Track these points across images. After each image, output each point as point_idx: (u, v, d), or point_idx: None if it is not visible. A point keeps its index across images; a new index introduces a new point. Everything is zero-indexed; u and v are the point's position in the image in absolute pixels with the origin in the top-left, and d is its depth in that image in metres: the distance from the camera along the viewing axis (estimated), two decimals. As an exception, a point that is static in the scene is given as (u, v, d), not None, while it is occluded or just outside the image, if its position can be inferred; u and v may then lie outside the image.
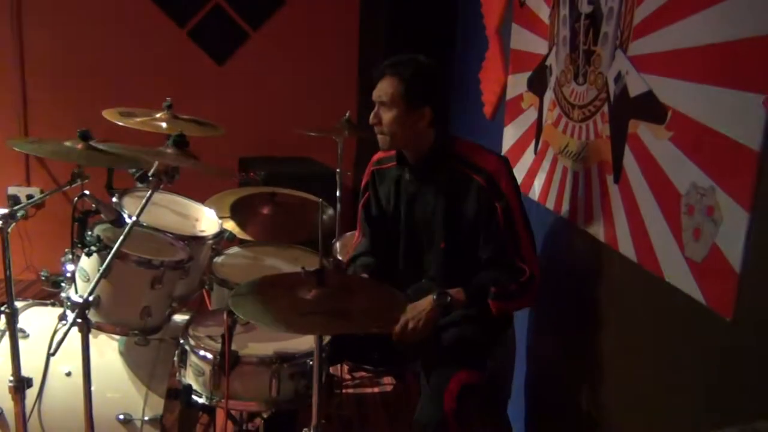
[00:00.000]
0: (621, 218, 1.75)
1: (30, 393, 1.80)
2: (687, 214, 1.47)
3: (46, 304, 2.18)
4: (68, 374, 1.95)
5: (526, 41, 2.52)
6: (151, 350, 2.04)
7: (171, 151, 1.66)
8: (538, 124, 2.39)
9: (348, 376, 3.14)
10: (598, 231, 1.89)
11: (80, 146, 1.97)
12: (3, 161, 3.95)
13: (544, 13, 2.33)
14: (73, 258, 2.05)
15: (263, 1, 4.09)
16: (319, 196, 2.51)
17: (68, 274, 2.04)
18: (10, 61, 3.88)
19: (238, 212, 2.50)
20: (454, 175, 1.99)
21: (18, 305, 2.07)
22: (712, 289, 1.40)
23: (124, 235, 1.64)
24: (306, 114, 4.02)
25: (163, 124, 2.50)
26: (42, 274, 2.22)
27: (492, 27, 2.91)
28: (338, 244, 2.76)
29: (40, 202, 2.12)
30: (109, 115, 2.50)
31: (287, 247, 2.62)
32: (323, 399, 1.89)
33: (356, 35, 4.17)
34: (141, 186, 2.45)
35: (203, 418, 2.36)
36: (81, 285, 1.92)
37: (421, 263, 2.10)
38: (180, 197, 2.57)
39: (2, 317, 1.78)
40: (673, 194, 1.51)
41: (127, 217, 2.08)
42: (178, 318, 2.20)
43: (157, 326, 2.03)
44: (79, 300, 1.62)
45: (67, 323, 1.61)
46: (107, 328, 1.95)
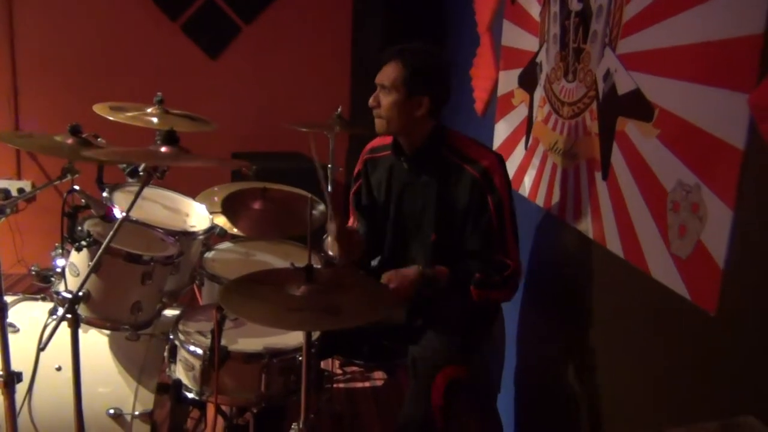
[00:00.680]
0: (609, 215, 1.77)
1: (20, 388, 1.79)
2: (673, 211, 1.48)
3: (37, 299, 2.18)
4: (58, 369, 1.95)
5: (517, 38, 2.53)
6: (141, 345, 2.04)
7: (162, 148, 1.65)
8: (529, 121, 2.40)
9: (339, 371, 3.15)
10: (587, 227, 1.90)
11: (70, 141, 1.97)
12: (-7, 155, 3.95)
13: (534, 10, 2.34)
14: (63, 253, 2.05)
15: (255, -6, 4.08)
16: (310, 191, 2.52)
17: (58, 269, 2.05)
18: (1, 54, 3.86)
19: (229, 207, 2.49)
20: (448, 166, 2.00)
21: (8, 300, 2.07)
22: (696, 284, 1.41)
23: (114, 231, 1.64)
24: (298, 109, 4.02)
25: (155, 119, 2.49)
26: (32, 268, 2.22)
27: (483, 24, 2.91)
28: (329, 239, 2.76)
29: (31, 196, 2.11)
30: (99, 109, 2.50)
31: (278, 243, 2.62)
32: (312, 394, 1.90)
33: (349, 30, 4.17)
34: (131, 181, 2.46)
35: (193, 413, 2.37)
36: (71, 280, 1.92)
37: (406, 254, 2.11)
38: (170, 192, 2.56)
39: (-8, 312, 1.78)
40: (660, 191, 1.52)
41: (118, 212, 2.09)
42: (169, 313, 2.21)
43: (147, 321, 2.03)
44: (69, 295, 1.62)
45: (57, 318, 1.62)
46: (97, 323, 1.95)
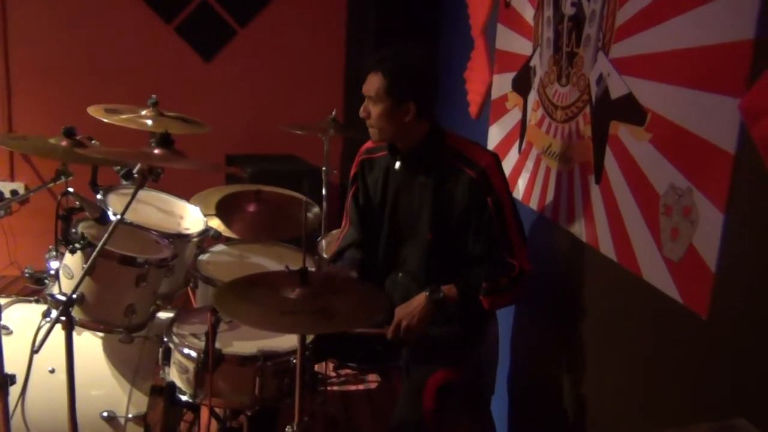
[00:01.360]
0: (602, 218, 1.78)
1: (13, 390, 1.79)
2: (665, 215, 1.49)
3: (30, 301, 2.18)
4: (52, 371, 1.95)
5: (511, 42, 2.54)
6: (135, 348, 2.04)
7: (156, 150, 1.65)
8: (522, 124, 2.41)
9: (333, 374, 3.15)
10: (580, 230, 1.91)
11: (65, 143, 1.97)
12: (-13, 156, 3.93)
13: (528, 14, 2.35)
14: (57, 255, 2.05)
15: (250, -3, 4.09)
16: (305, 194, 2.53)
17: (52, 272, 2.04)
18: (-5, 56, 3.85)
19: (223, 210, 2.50)
20: (445, 167, 2.00)
21: (1, 302, 2.08)
22: (688, 288, 1.42)
23: (108, 233, 1.64)
24: (292, 112, 4.03)
25: (149, 121, 2.50)
26: (26, 270, 2.22)
27: (478, 27, 2.93)
28: (324, 242, 2.77)
29: (25, 198, 2.11)
30: (94, 111, 2.50)
31: (273, 245, 2.62)
32: (306, 397, 1.90)
33: (343, 34, 4.18)
34: (126, 183, 2.46)
35: (187, 415, 2.36)
36: (65, 282, 1.92)
37: (400, 255, 2.11)
38: (165, 194, 2.57)
39: (-15, 314, 1.78)
40: (652, 195, 1.53)
41: (112, 214, 2.09)
42: (163, 315, 2.21)
43: (141, 324, 2.03)
44: (63, 297, 1.62)
45: (50, 320, 1.62)
46: (91, 326, 1.95)
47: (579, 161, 1.93)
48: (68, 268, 1.92)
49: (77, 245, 1.85)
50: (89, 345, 2.04)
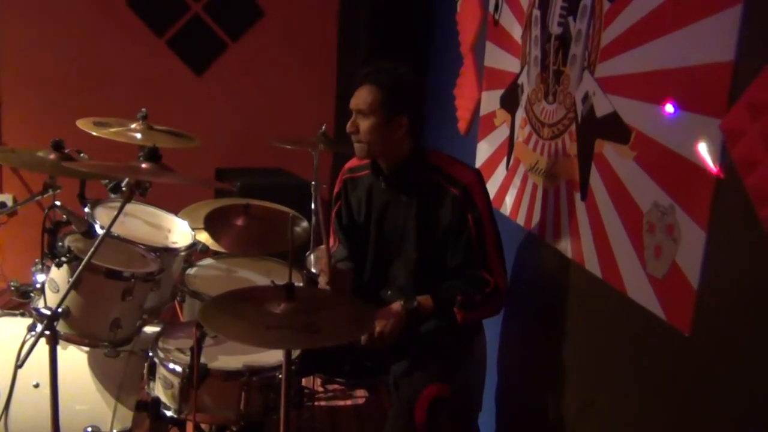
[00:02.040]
0: (587, 235, 1.79)
1: (-4, 405, 1.78)
2: (649, 232, 1.51)
3: (15, 315, 2.16)
4: (36, 386, 1.93)
5: (499, 59, 2.57)
6: (120, 362, 2.03)
7: (144, 165, 1.66)
8: (510, 141, 2.43)
9: (320, 389, 3.14)
10: (566, 247, 1.92)
11: (53, 157, 1.97)
12: (-25, 168, 3.91)
13: (516, 32, 2.38)
14: (44, 268, 2.04)
15: (242, 12, 4.11)
16: (294, 208, 2.53)
17: (38, 285, 2.03)
18: (-15, 68, 3.85)
19: (211, 223, 2.49)
20: (428, 185, 2.01)
21: (-15, 315, 2.06)
22: (671, 305, 1.43)
23: (94, 247, 1.64)
24: (283, 126, 4.04)
25: (138, 135, 2.50)
26: (11, 283, 2.20)
27: (467, 44, 2.96)
28: (312, 257, 2.77)
29: (12, 210, 2.11)
30: (83, 125, 2.50)
31: (261, 259, 2.62)
32: (292, 412, 1.90)
33: (334, 49, 4.20)
34: (114, 197, 2.46)
35: (172, 430, 2.35)
36: (50, 296, 1.91)
37: (387, 273, 2.12)
38: (153, 208, 2.56)
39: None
40: (636, 212, 1.55)
41: (99, 228, 2.08)
42: (149, 330, 2.20)
43: (127, 338, 2.02)
44: (48, 311, 1.62)
45: (35, 334, 1.61)
46: (76, 340, 1.94)
47: (565, 178, 1.94)
48: (54, 282, 1.91)
49: (63, 258, 1.85)
50: (74, 359, 2.03)
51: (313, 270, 2.60)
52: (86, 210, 2.27)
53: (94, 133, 2.47)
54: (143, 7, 3.96)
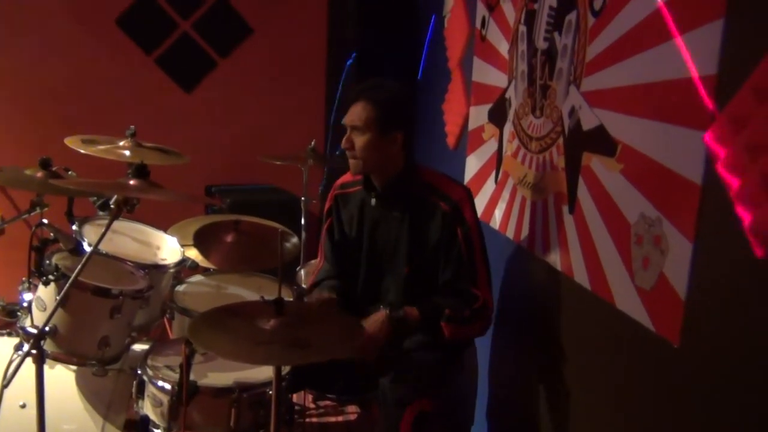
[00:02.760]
0: (576, 247, 1.80)
1: (-18, 426, 1.76)
2: (636, 244, 1.52)
3: (2, 334, 2.14)
4: (23, 406, 1.91)
5: (487, 74, 2.59)
6: (108, 381, 2.02)
7: (132, 181, 1.65)
8: (499, 155, 2.45)
9: (312, 405, 3.11)
10: (555, 260, 1.93)
11: (40, 174, 1.96)
12: (-39, 186, 3.88)
13: (503, 48, 2.40)
14: (30, 287, 2.02)
15: (232, 29, 4.11)
16: (284, 224, 2.53)
17: (25, 304, 2.02)
18: (-28, 86, 3.83)
19: (201, 240, 2.49)
20: (419, 201, 2.02)
21: (-28, 335, 2.04)
22: (660, 316, 1.44)
23: (82, 264, 1.63)
24: (272, 142, 4.04)
25: (127, 152, 2.49)
26: (-2, 302, 2.19)
27: (455, 59, 2.98)
28: (302, 272, 2.76)
29: (-1, 229, 2.09)
30: (71, 142, 2.49)
31: (251, 276, 2.61)
32: (283, 429, 1.88)
33: (323, 65, 4.22)
34: (102, 214, 2.45)
35: (162, 449, 2.32)
36: (37, 315, 1.89)
37: (378, 289, 2.12)
38: (142, 225, 2.55)
39: (-46, 348, 1.75)
40: (624, 224, 1.56)
41: (87, 245, 2.07)
42: (138, 347, 2.18)
43: (115, 356, 2.00)
44: (35, 330, 1.60)
45: (22, 354, 1.59)
46: (64, 359, 1.92)
47: (553, 191, 1.96)
48: (41, 300, 1.90)
49: (51, 277, 1.83)
50: (62, 378, 2.01)
51: (303, 285, 2.59)
52: (74, 228, 2.26)
53: (82, 151, 2.46)
54: (132, 25, 3.96)
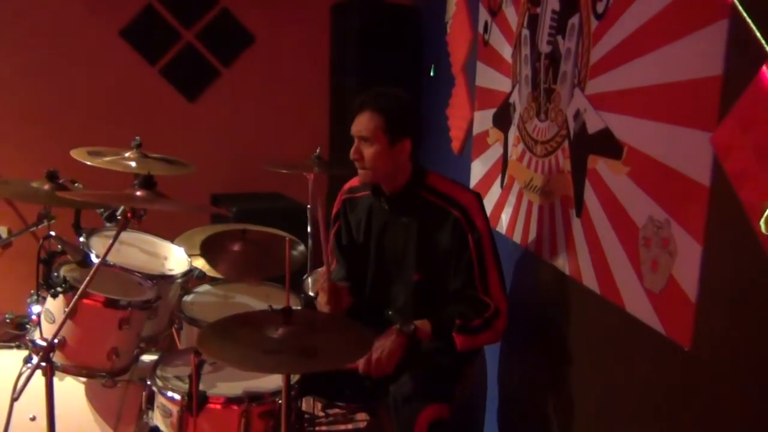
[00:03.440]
0: (584, 251, 1.79)
1: (-8, 439, 1.76)
2: (645, 247, 1.51)
3: (11, 347, 2.15)
4: (33, 419, 1.91)
5: (490, 79, 2.59)
6: (118, 392, 2.01)
7: (138, 192, 1.66)
8: (504, 159, 2.44)
9: (321, 413, 3.10)
10: (563, 264, 1.92)
11: (47, 187, 1.97)
12: (-32, 200, 3.90)
13: (507, 52, 2.40)
14: (39, 299, 2.03)
15: (234, 38, 4.13)
16: (291, 232, 2.53)
17: (33, 316, 2.02)
18: (-22, 99, 3.85)
19: (208, 250, 2.49)
20: (429, 207, 2.01)
21: (-19, 349, 2.05)
22: (670, 319, 1.43)
23: (90, 276, 1.63)
24: (277, 150, 4.05)
25: (133, 163, 2.50)
26: (7, 315, 2.20)
27: (458, 64, 2.98)
28: (310, 280, 2.76)
29: (7, 242, 2.10)
30: (77, 154, 2.50)
31: (259, 284, 2.61)
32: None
33: (327, 72, 4.23)
34: (109, 225, 2.46)
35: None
36: (46, 327, 1.89)
37: (388, 294, 2.11)
38: (149, 235, 2.56)
39: (-36, 361, 1.75)
40: (632, 227, 1.55)
41: (94, 257, 2.07)
42: (147, 358, 2.18)
43: (124, 367, 2.00)
44: (44, 342, 1.60)
45: (31, 366, 1.59)
46: (73, 371, 1.92)
47: (560, 195, 1.95)
48: (50, 313, 1.90)
49: (59, 289, 1.84)
50: (71, 390, 2.01)
51: (311, 293, 2.59)
52: (81, 239, 2.27)
53: (88, 163, 2.47)
54: (136, 36, 3.98)
